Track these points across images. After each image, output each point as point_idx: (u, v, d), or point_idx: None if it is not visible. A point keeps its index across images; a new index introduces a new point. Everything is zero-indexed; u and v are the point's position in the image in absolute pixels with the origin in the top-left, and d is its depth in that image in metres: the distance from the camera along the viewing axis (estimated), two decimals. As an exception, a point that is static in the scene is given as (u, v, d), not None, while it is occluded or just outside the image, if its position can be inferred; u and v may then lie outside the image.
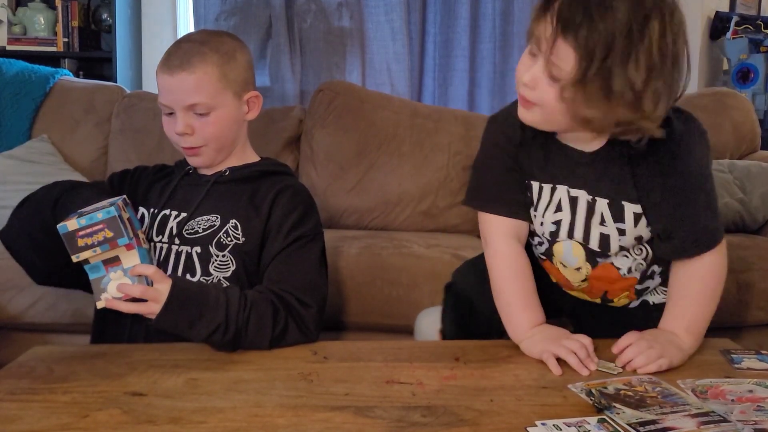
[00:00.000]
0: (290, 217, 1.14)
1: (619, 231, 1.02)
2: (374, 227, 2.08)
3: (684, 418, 0.75)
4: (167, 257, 1.13)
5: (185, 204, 1.18)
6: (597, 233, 1.04)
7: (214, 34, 1.20)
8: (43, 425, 0.75)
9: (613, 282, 1.09)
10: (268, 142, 2.10)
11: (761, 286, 1.55)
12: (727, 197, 1.68)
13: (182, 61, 1.11)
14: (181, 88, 1.12)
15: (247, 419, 0.76)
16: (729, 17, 2.83)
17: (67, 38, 2.66)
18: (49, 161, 2.07)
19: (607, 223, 1.03)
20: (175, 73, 1.11)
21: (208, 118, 1.14)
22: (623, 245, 1.04)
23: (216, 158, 1.20)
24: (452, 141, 2.10)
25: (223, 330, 0.98)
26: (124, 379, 0.88)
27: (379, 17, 2.71)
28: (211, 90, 1.13)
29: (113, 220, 0.92)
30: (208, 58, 1.13)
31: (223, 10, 2.71)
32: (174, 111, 1.14)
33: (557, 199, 1.05)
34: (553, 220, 1.06)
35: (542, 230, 1.08)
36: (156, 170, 1.28)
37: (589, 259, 1.06)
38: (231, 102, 1.17)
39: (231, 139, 1.20)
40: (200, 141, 1.15)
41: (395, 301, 1.55)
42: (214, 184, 1.19)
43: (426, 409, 0.79)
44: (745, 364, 0.96)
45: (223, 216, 1.15)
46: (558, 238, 1.07)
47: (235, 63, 1.16)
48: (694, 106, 2.09)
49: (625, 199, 1.01)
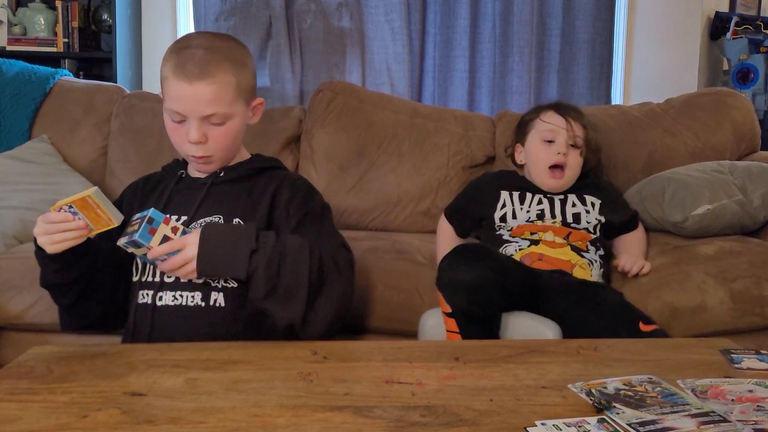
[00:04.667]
0: (294, 200, 1.18)
1: (586, 211, 1.65)
2: (374, 227, 2.08)
3: (684, 418, 0.75)
4: None
5: (184, 207, 1.18)
6: (571, 212, 1.65)
7: (218, 38, 1.18)
8: (43, 425, 0.75)
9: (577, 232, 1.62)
10: (268, 142, 2.10)
11: (755, 293, 1.52)
12: (725, 199, 1.68)
13: (201, 70, 1.09)
14: (199, 97, 1.09)
15: (247, 419, 0.76)
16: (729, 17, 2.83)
17: (67, 38, 2.66)
18: (48, 161, 2.07)
19: (578, 206, 1.66)
20: (194, 82, 1.09)
21: (223, 128, 1.13)
22: (588, 221, 1.63)
23: (223, 164, 1.20)
24: (452, 141, 2.10)
25: (262, 254, 1.03)
26: (123, 379, 0.88)
27: (379, 17, 2.71)
28: (229, 100, 1.12)
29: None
30: (225, 67, 1.11)
31: (222, 11, 2.71)
32: (185, 119, 1.12)
33: (538, 198, 1.68)
34: (538, 209, 1.65)
35: (525, 217, 1.64)
36: (144, 182, 1.28)
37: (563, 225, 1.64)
38: (243, 110, 1.17)
39: (239, 145, 1.21)
40: (212, 150, 1.15)
41: (396, 305, 1.55)
42: (211, 185, 1.19)
43: (425, 408, 0.79)
44: (745, 363, 0.96)
45: (225, 216, 1.15)
46: (543, 218, 1.64)
47: (246, 71, 1.16)
48: (694, 106, 2.12)
49: (587, 194, 1.69)
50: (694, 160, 1.99)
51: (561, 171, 1.64)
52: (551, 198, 1.67)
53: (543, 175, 1.66)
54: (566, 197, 1.67)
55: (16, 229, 1.76)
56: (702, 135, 2.07)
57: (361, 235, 1.88)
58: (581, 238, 1.59)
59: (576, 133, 1.66)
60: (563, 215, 1.63)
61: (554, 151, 1.64)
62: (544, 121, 1.69)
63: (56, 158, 2.11)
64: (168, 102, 1.13)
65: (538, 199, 1.66)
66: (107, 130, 2.20)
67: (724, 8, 2.95)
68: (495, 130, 2.15)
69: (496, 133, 2.14)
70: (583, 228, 1.61)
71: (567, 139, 1.65)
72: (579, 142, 1.66)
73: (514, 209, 1.65)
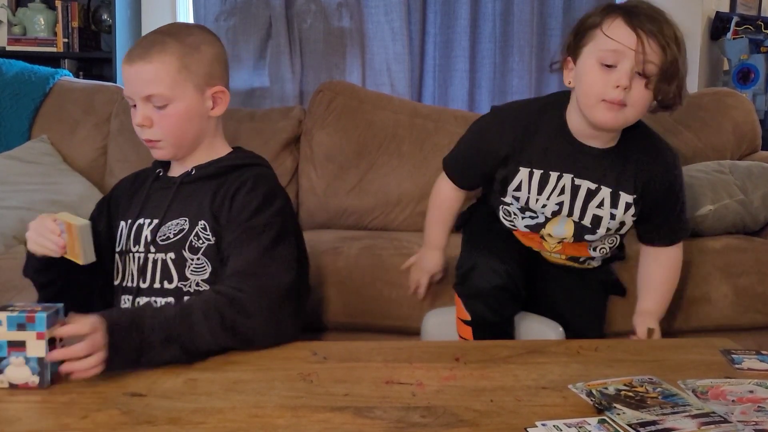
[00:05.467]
0: (246, 209, 1.10)
1: (611, 215, 1.27)
2: (374, 227, 2.08)
3: (684, 418, 0.74)
4: (144, 266, 1.13)
5: (156, 210, 1.16)
6: (591, 214, 1.28)
7: (184, 26, 1.19)
8: (43, 425, 0.75)
9: (579, 251, 1.36)
10: (268, 142, 2.10)
11: (759, 290, 1.54)
12: (727, 198, 1.68)
13: (142, 51, 1.10)
14: (138, 78, 1.10)
15: (247, 420, 0.76)
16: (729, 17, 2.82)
17: (66, 39, 2.66)
18: (48, 161, 2.07)
19: (605, 207, 1.27)
20: (134, 63, 1.10)
21: (166, 111, 1.11)
22: (609, 227, 1.29)
23: (177, 153, 1.16)
24: (452, 141, 2.06)
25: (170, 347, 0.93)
26: (123, 380, 0.88)
27: (379, 17, 2.71)
28: (169, 81, 1.10)
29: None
30: (168, 48, 1.10)
31: (222, 11, 2.71)
32: (136, 103, 1.12)
33: (561, 185, 1.27)
34: (557, 201, 1.28)
35: (543, 210, 1.30)
36: (133, 179, 1.26)
37: (576, 234, 1.31)
38: (192, 95, 1.13)
39: (193, 134, 1.15)
40: (158, 134, 1.12)
41: (395, 302, 1.55)
42: (180, 185, 1.16)
43: (426, 409, 0.79)
44: (745, 364, 0.96)
45: (190, 219, 1.13)
46: (560, 214, 1.29)
47: (198, 54, 1.13)
48: (694, 106, 2.12)
49: (623, 190, 1.26)
50: (694, 160, 1.99)
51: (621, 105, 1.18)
52: (578, 187, 1.27)
53: (594, 109, 1.19)
54: (599, 189, 1.27)
55: (16, 230, 1.76)
56: (702, 135, 2.07)
57: (360, 234, 1.88)
58: (584, 256, 1.38)
59: (648, 58, 1.13)
60: (582, 215, 1.28)
61: (612, 82, 1.15)
62: (607, 35, 1.16)
63: (56, 158, 2.10)
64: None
65: (562, 186, 1.27)
66: (107, 130, 2.20)
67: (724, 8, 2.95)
68: (495, 131, 2.15)
69: (496, 133, 2.14)
70: (596, 238, 1.31)
71: (634, 66, 1.14)
72: (651, 70, 1.14)
73: (529, 198, 1.30)
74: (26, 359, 0.86)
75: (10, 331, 0.86)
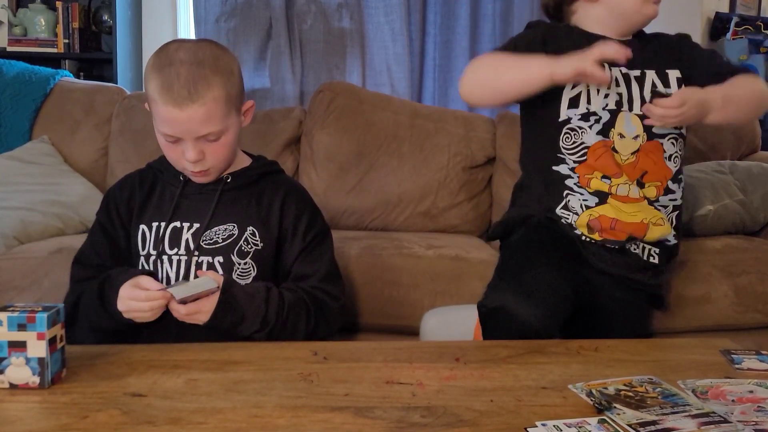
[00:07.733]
0: (302, 220, 1.22)
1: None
2: (374, 228, 2.08)
3: (684, 418, 0.75)
4: (188, 269, 1.14)
5: (195, 214, 1.18)
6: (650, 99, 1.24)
7: (200, 48, 1.11)
8: (43, 426, 0.75)
9: (655, 163, 1.27)
10: (268, 142, 2.10)
11: (759, 289, 1.55)
12: (726, 199, 1.68)
13: (189, 92, 1.06)
14: (191, 120, 1.07)
15: (247, 420, 0.76)
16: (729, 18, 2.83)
17: (67, 39, 2.66)
18: (49, 162, 2.07)
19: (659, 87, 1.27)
20: (184, 107, 1.06)
21: (219, 142, 1.12)
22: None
23: (221, 173, 1.20)
24: (452, 142, 2.10)
25: (262, 331, 1.11)
26: (123, 380, 0.88)
27: (379, 18, 2.71)
28: (221, 116, 1.10)
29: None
30: (212, 83, 1.08)
31: (223, 12, 2.71)
32: (180, 139, 1.10)
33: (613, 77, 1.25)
34: (617, 91, 1.26)
35: (602, 104, 1.26)
36: (137, 184, 1.24)
37: (646, 129, 1.26)
38: (235, 119, 1.15)
39: (235, 151, 1.21)
40: (210, 163, 1.14)
41: (395, 301, 1.55)
42: (222, 192, 1.19)
43: (426, 409, 0.79)
44: (745, 364, 0.96)
45: (239, 224, 1.17)
46: (622, 108, 1.26)
47: (234, 78, 1.13)
48: (694, 107, 2.12)
49: (667, 67, 1.29)
50: (694, 160, 1.99)
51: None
52: (626, 75, 1.27)
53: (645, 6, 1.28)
54: (644, 74, 1.29)
55: (16, 230, 1.76)
56: (702, 135, 2.07)
57: (361, 234, 1.88)
58: (656, 173, 1.27)
59: None
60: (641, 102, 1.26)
61: None
62: None
63: (57, 159, 2.11)
64: (159, 125, 1.11)
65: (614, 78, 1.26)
66: (108, 130, 2.20)
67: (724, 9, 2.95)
68: (495, 131, 2.15)
69: (496, 134, 2.14)
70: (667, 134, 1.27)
71: None
72: None
73: (590, 91, 1.26)
74: (27, 359, 0.86)
75: (11, 332, 0.86)
